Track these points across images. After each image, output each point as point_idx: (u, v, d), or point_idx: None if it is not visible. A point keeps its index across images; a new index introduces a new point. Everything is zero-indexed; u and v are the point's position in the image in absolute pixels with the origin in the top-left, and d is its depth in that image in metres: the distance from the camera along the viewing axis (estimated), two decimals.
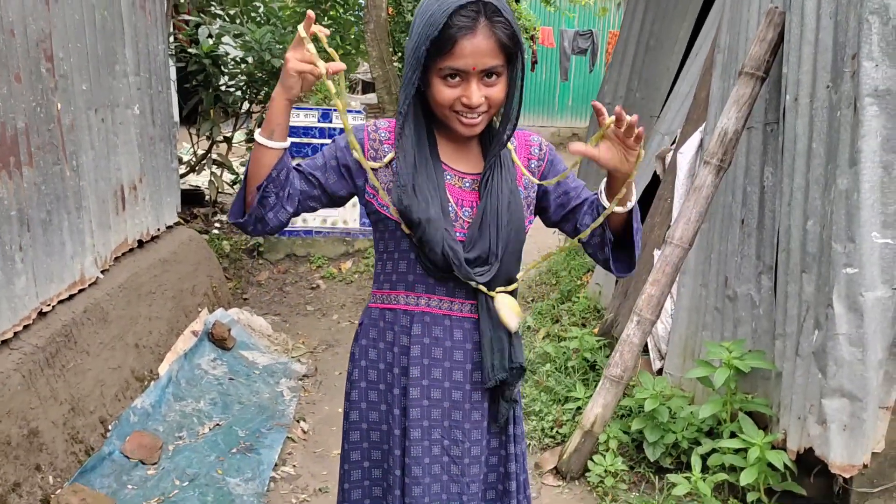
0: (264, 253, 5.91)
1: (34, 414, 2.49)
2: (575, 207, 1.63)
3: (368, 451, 1.68)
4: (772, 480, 2.61)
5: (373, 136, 1.58)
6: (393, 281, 1.61)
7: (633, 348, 3.03)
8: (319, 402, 3.82)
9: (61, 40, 2.91)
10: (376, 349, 1.65)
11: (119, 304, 3.27)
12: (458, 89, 1.43)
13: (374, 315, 1.66)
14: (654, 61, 4.90)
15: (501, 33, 1.40)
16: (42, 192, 2.75)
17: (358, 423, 1.68)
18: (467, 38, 1.37)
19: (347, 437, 1.70)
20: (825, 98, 2.50)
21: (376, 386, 1.66)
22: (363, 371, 1.68)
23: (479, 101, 1.43)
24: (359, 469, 1.70)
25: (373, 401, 1.66)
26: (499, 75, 1.45)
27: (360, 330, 1.70)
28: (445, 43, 1.38)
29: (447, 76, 1.42)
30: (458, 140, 1.58)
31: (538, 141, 1.67)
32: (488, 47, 1.39)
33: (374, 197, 1.57)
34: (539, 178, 1.64)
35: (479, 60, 1.40)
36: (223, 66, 6.26)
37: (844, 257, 2.31)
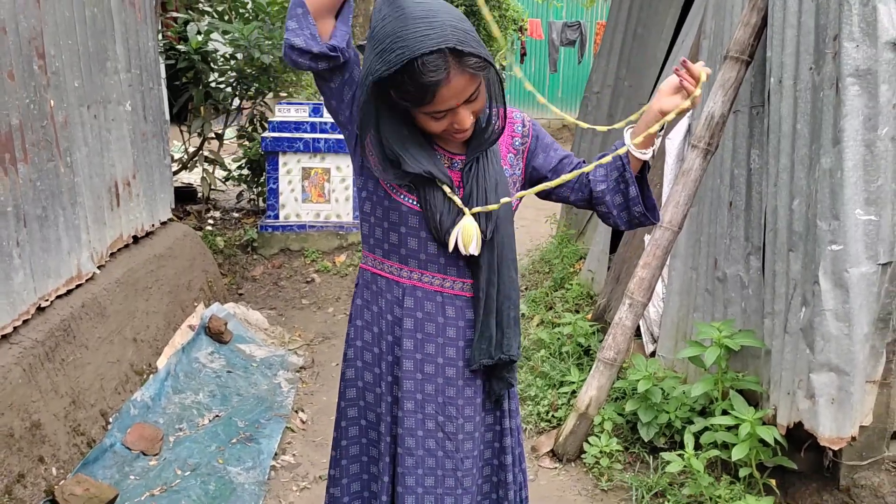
0: (258, 248, 5.93)
1: (36, 407, 2.52)
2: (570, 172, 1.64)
3: (364, 410, 1.71)
4: (763, 456, 2.67)
5: None
6: (385, 249, 1.62)
7: (626, 331, 3.08)
8: (317, 392, 3.86)
9: (53, 37, 2.93)
10: (370, 311, 1.68)
11: (116, 298, 3.30)
12: (447, 120, 1.45)
13: (367, 277, 1.68)
14: (642, 49, 4.94)
15: (471, 64, 1.38)
16: (37, 188, 2.77)
17: (354, 381, 1.71)
18: (444, 87, 1.38)
19: (344, 396, 1.73)
20: (808, 79, 2.54)
21: (371, 348, 1.68)
22: (359, 331, 1.70)
23: (470, 124, 1.47)
24: (356, 426, 1.73)
25: (367, 361, 1.69)
26: (480, 90, 1.46)
27: (356, 290, 1.72)
28: (424, 95, 1.38)
29: (433, 115, 1.44)
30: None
31: (520, 118, 1.69)
32: (465, 82, 1.40)
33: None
34: (525, 155, 1.67)
35: (461, 96, 1.41)
36: (213, 63, 6.27)
37: (829, 235, 2.36)
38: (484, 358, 1.62)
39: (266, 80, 6.33)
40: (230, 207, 7.09)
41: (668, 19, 4.59)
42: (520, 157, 1.67)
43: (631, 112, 4.95)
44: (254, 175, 6.78)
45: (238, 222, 6.66)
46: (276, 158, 5.88)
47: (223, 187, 7.36)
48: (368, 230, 1.64)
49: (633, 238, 3.98)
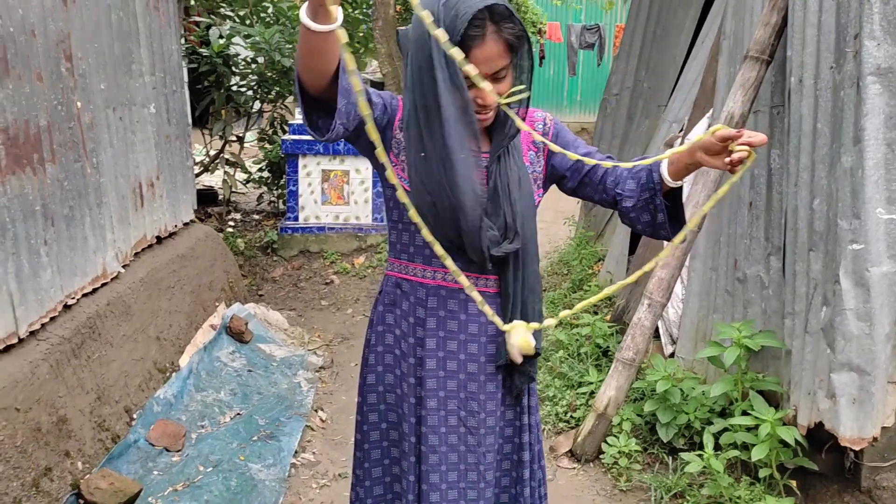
0: (278, 250, 5.99)
1: (62, 402, 2.56)
2: (590, 171, 1.65)
3: (385, 412, 1.73)
4: (783, 456, 2.65)
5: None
6: (410, 252, 1.65)
7: (645, 331, 3.08)
8: (336, 392, 3.89)
9: (80, 40, 2.99)
10: (393, 314, 1.70)
11: (140, 297, 3.35)
12: (471, 92, 1.46)
13: (392, 283, 1.70)
14: (661, 51, 4.94)
15: (509, 35, 1.44)
16: (64, 188, 2.83)
17: (374, 386, 1.74)
18: (478, 48, 1.42)
19: (365, 401, 1.75)
20: (829, 78, 2.53)
21: (392, 350, 1.71)
22: (380, 335, 1.73)
23: (493, 102, 1.48)
24: (377, 430, 1.75)
25: (388, 363, 1.71)
26: (507, 71, 1.49)
27: (379, 297, 1.75)
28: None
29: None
30: None
31: (542, 116, 1.71)
32: (498, 52, 1.44)
33: (396, 166, 1.59)
34: (546, 152, 1.69)
35: (490, 65, 1.44)
36: (234, 67, 6.35)
37: (850, 234, 2.35)
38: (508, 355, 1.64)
39: (287, 83, 6.39)
40: (250, 209, 7.16)
41: (688, 21, 4.58)
42: (540, 154, 1.69)
43: (650, 113, 4.95)
44: (274, 177, 6.85)
45: (258, 224, 6.73)
46: (295, 161, 5.94)
47: (244, 189, 7.43)
48: (396, 237, 1.67)
49: (652, 240, 3.97)
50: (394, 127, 1.60)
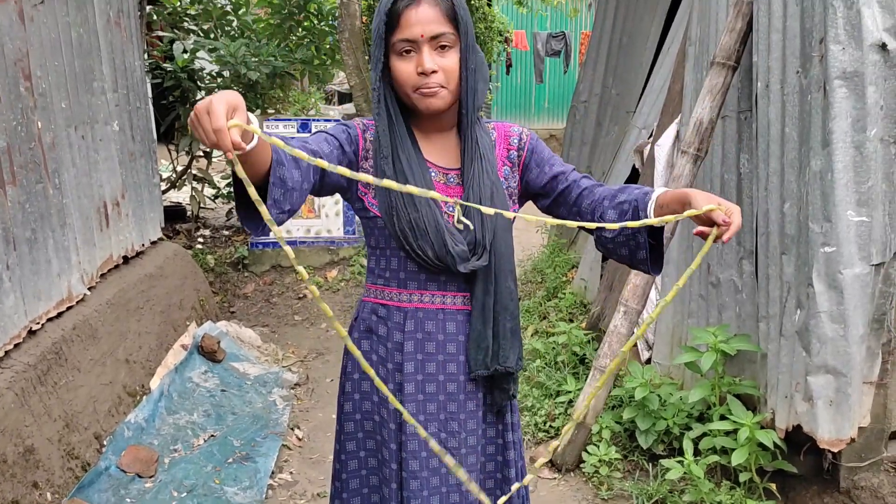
0: (249, 265, 5.91)
1: (29, 431, 2.48)
2: (564, 190, 1.62)
3: (363, 440, 1.70)
4: (763, 460, 2.66)
5: (365, 134, 1.59)
6: (386, 277, 1.63)
7: (621, 338, 3.07)
8: (312, 409, 3.83)
9: (39, 59, 2.92)
10: (369, 341, 1.67)
11: (108, 320, 3.27)
12: (413, 62, 1.49)
13: (368, 308, 1.68)
14: (628, 57, 4.97)
15: (443, 3, 1.48)
16: (26, 210, 2.75)
17: (352, 414, 1.70)
18: (412, 9, 1.46)
19: (343, 429, 1.72)
20: (795, 83, 2.56)
21: (368, 378, 1.68)
22: (356, 362, 1.70)
23: (432, 66, 1.47)
24: (355, 459, 1.72)
25: (365, 391, 1.68)
26: (450, 46, 1.49)
27: (354, 323, 1.72)
28: (394, 18, 1.47)
29: (402, 51, 1.49)
30: (436, 137, 1.61)
31: (518, 131, 1.69)
32: (433, 14, 1.47)
33: (365, 195, 1.59)
34: (520, 167, 1.67)
35: (426, 28, 1.46)
36: (199, 81, 6.27)
37: (822, 237, 2.36)
38: (480, 368, 1.62)
39: (253, 96, 6.32)
40: (220, 225, 7.06)
41: (653, 27, 4.62)
42: (515, 169, 1.67)
43: (619, 119, 4.98)
44: None
45: (228, 240, 6.63)
46: None
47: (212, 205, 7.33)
48: (375, 262, 1.66)
49: None
50: (359, 157, 1.59)
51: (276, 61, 6.08)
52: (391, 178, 1.51)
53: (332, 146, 1.53)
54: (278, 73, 6.25)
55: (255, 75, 5.91)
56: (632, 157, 4.25)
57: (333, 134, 1.57)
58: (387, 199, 1.54)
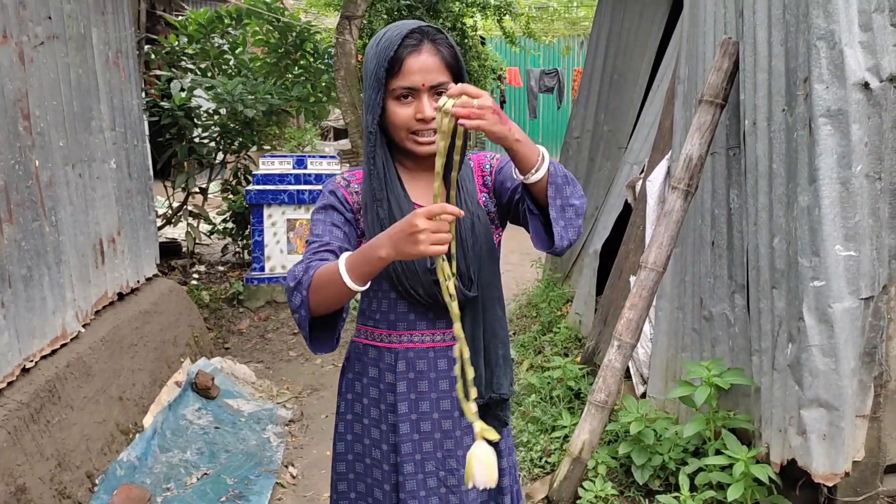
0: (244, 301, 5.91)
1: (21, 470, 2.47)
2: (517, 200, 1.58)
3: (354, 482, 1.71)
4: (758, 495, 2.65)
5: (349, 190, 1.64)
6: (376, 319, 1.65)
7: (616, 373, 3.08)
8: (307, 446, 3.81)
9: (38, 99, 2.96)
10: (360, 383, 1.68)
11: (102, 357, 3.26)
12: (412, 108, 1.52)
13: (359, 349, 1.69)
14: (619, 94, 5.05)
15: (445, 51, 1.51)
16: (22, 248, 2.77)
17: (343, 455, 1.71)
18: (413, 57, 1.49)
19: (335, 469, 1.73)
20: (782, 121, 2.61)
21: (360, 419, 1.69)
22: (349, 404, 1.71)
23: (431, 115, 1.49)
24: (346, 500, 1.72)
25: (357, 433, 1.69)
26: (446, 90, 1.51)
27: (346, 364, 1.73)
28: (395, 64, 1.49)
29: (400, 96, 1.51)
30: (421, 176, 1.63)
31: (490, 157, 1.73)
32: (433, 64, 1.50)
33: (360, 241, 1.62)
34: (493, 189, 1.67)
35: (426, 77, 1.50)
36: (196, 119, 6.34)
37: (811, 271, 2.39)
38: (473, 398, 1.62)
39: (250, 133, 6.40)
40: (215, 261, 7.07)
41: (644, 65, 4.70)
42: (491, 195, 1.69)
43: (611, 155, 5.04)
44: (238, 228, 6.79)
45: (223, 276, 6.64)
46: (260, 211, 5.90)
47: (208, 241, 7.35)
48: (366, 304, 1.68)
49: (619, 280, 4.01)
50: (355, 213, 1.62)
51: (273, 99, 6.16)
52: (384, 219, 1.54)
53: (342, 226, 1.58)
54: (274, 111, 6.34)
55: (252, 112, 5.99)
56: (624, 192, 4.29)
57: (331, 212, 1.59)
58: None
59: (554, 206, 1.44)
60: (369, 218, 1.57)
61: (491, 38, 13.61)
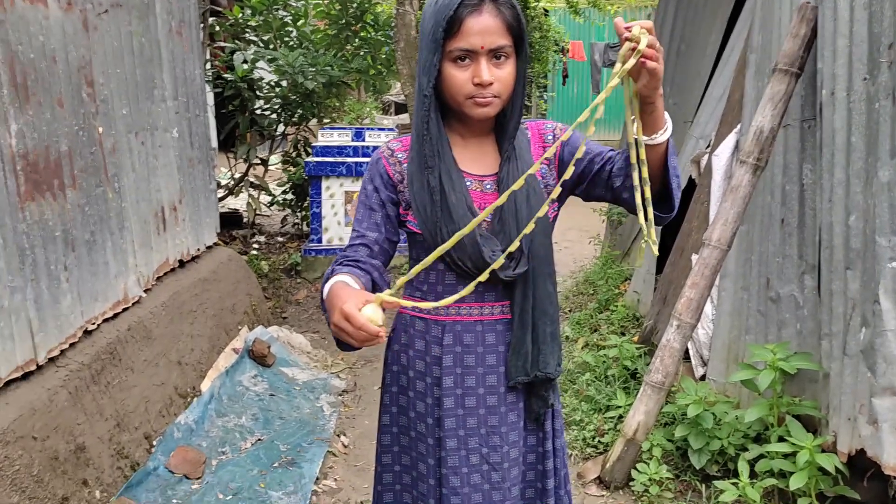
0: (302, 272, 5.97)
1: (80, 430, 2.54)
2: (601, 167, 1.56)
3: (399, 454, 1.68)
4: (823, 485, 2.54)
5: (391, 160, 1.60)
6: (423, 290, 1.61)
7: (674, 353, 2.98)
8: (359, 416, 3.83)
9: (101, 66, 3.00)
10: (406, 355, 1.65)
11: (162, 322, 3.33)
12: (469, 71, 1.45)
13: (406, 321, 1.66)
14: (686, 66, 4.86)
15: (506, 12, 1.44)
16: (86, 213, 2.83)
17: (388, 427, 1.69)
18: (473, 17, 1.42)
19: (380, 441, 1.71)
20: (862, 91, 2.45)
21: (406, 392, 1.66)
22: (395, 376, 1.69)
23: (489, 79, 1.44)
24: (390, 473, 1.70)
25: (402, 405, 1.67)
26: (507, 57, 1.46)
27: (393, 335, 1.70)
28: (453, 24, 1.42)
29: (457, 58, 1.45)
30: (472, 143, 1.59)
31: (551, 127, 1.66)
32: (495, 26, 1.43)
33: (406, 215, 1.59)
34: (557, 162, 1.62)
35: (486, 39, 1.43)
36: (258, 91, 6.40)
37: (889, 251, 2.25)
38: (520, 375, 1.58)
39: (310, 106, 6.42)
40: (275, 232, 7.17)
41: (713, 35, 4.50)
42: (552, 167, 1.63)
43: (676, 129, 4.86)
44: (298, 199, 6.86)
45: (282, 246, 6.73)
46: (318, 183, 5.94)
47: (268, 212, 7.46)
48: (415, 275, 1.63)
49: (680, 258, 3.88)
50: (397, 189, 1.59)
51: (333, 71, 6.16)
52: (434, 188, 1.50)
53: (379, 208, 1.57)
54: (334, 83, 6.34)
55: (312, 84, 6.00)
56: (689, 167, 4.14)
57: (370, 191, 1.59)
58: (425, 214, 1.52)
59: (672, 171, 1.47)
60: (416, 186, 1.52)
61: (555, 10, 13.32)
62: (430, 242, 1.53)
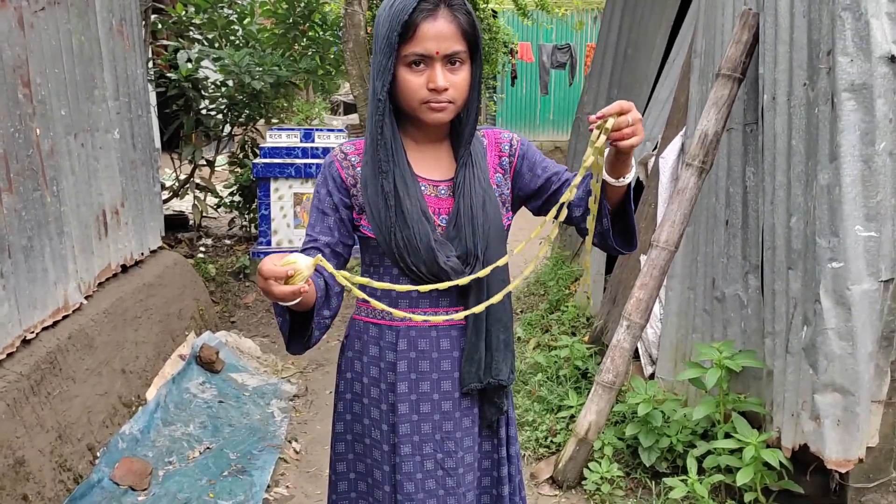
0: (251, 275, 5.87)
1: (20, 443, 2.44)
2: (558, 189, 1.60)
3: (354, 462, 1.67)
4: (768, 480, 2.60)
5: (345, 164, 1.58)
6: (377, 296, 1.59)
7: (624, 353, 3.02)
8: (311, 421, 3.78)
9: (38, 66, 2.89)
10: (360, 361, 1.64)
11: (105, 329, 3.23)
12: (424, 76, 1.45)
13: (359, 327, 1.64)
14: (633, 69, 4.94)
15: (461, 18, 1.44)
16: (23, 218, 2.72)
17: (342, 435, 1.67)
18: (428, 22, 1.41)
19: (334, 448, 1.69)
20: (802, 95, 2.52)
21: (360, 399, 1.64)
22: (349, 383, 1.67)
23: (444, 84, 1.44)
24: (345, 481, 1.68)
25: (356, 413, 1.65)
26: (462, 62, 1.47)
27: (346, 342, 1.68)
28: (408, 29, 1.41)
29: (412, 63, 1.44)
30: (427, 149, 1.58)
31: (508, 137, 1.67)
32: (450, 31, 1.43)
33: (360, 219, 1.58)
34: (512, 173, 1.64)
35: (441, 44, 1.42)
36: (203, 90, 6.26)
37: (829, 252, 2.32)
38: (473, 381, 1.59)
39: (257, 106, 6.32)
40: (222, 234, 7.04)
41: (658, 39, 4.59)
42: (507, 176, 1.64)
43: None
44: (245, 201, 6.74)
45: (230, 249, 6.61)
46: (267, 184, 5.85)
47: (215, 214, 7.32)
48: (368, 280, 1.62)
49: (629, 259, 3.94)
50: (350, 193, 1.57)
51: (280, 71, 6.08)
52: (388, 193, 1.49)
53: (332, 213, 1.56)
54: (282, 83, 6.26)
55: (259, 85, 5.91)
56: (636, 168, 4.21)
57: (323, 195, 1.57)
58: (379, 219, 1.51)
59: (631, 211, 1.52)
60: (370, 191, 1.51)
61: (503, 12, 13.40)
62: (384, 247, 1.52)
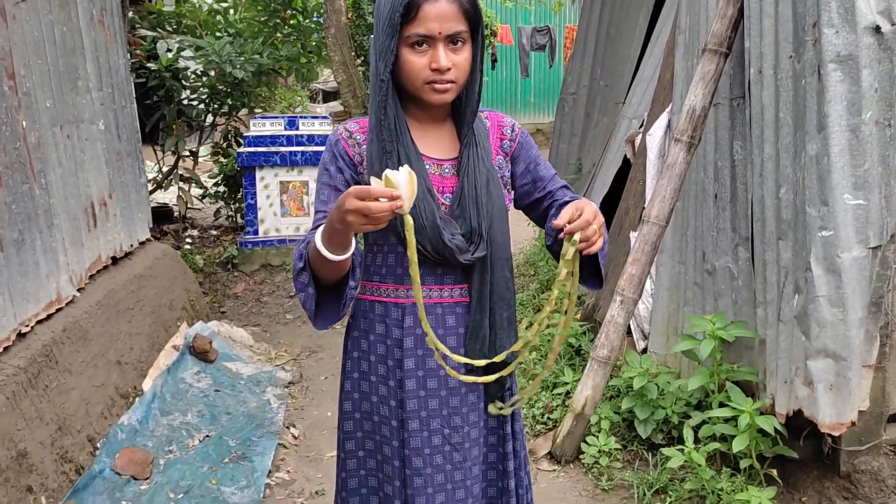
0: (239, 265, 5.85)
1: (21, 435, 2.44)
2: (540, 198, 1.65)
3: (363, 440, 1.68)
4: (763, 446, 2.66)
5: (350, 142, 1.58)
6: (382, 274, 1.61)
7: (618, 328, 3.06)
8: (307, 407, 3.80)
9: (22, 57, 2.86)
10: (367, 340, 1.65)
11: (98, 321, 3.22)
12: (427, 56, 1.45)
13: (364, 306, 1.65)
14: (615, 49, 4.96)
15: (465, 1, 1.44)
16: (13, 211, 2.70)
17: (350, 414, 1.68)
18: (430, 3, 1.42)
19: (342, 428, 1.70)
20: (789, 68, 2.55)
21: (367, 377, 1.66)
22: (355, 362, 1.68)
23: (447, 64, 1.45)
24: (354, 458, 1.69)
25: (364, 391, 1.66)
26: (464, 42, 1.47)
27: (352, 321, 1.69)
28: (410, 9, 1.41)
29: (414, 43, 1.45)
30: (430, 128, 1.59)
31: (511, 122, 1.69)
32: (452, 11, 1.43)
33: None
34: (510, 157, 1.66)
35: (443, 24, 1.43)
36: (184, 80, 6.20)
37: (819, 221, 2.36)
38: (477, 358, 1.60)
39: (239, 95, 6.27)
40: (208, 225, 7.00)
41: (641, 17, 4.61)
42: (507, 159, 1.66)
43: (608, 110, 4.97)
44: (231, 191, 6.71)
45: (217, 240, 6.58)
46: (252, 173, 5.82)
47: (200, 205, 7.27)
48: (371, 259, 1.64)
49: (619, 236, 3.98)
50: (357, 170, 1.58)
51: (262, 59, 6.03)
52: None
53: (346, 188, 1.52)
54: (264, 71, 6.21)
55: (241, 73, 5.86)
56: (623, 147, 4.24)
57: (332, 172, 1.57)
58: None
59: (601, 258, 1.59)
60: (377, 170, 1.52)
61: None
62: (389, 225, 1.53)
